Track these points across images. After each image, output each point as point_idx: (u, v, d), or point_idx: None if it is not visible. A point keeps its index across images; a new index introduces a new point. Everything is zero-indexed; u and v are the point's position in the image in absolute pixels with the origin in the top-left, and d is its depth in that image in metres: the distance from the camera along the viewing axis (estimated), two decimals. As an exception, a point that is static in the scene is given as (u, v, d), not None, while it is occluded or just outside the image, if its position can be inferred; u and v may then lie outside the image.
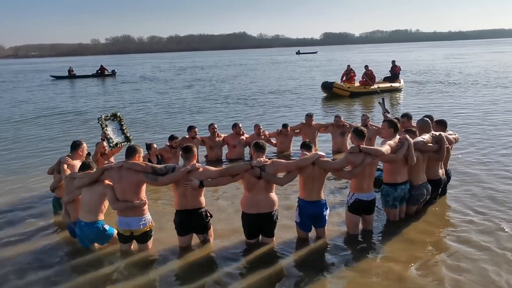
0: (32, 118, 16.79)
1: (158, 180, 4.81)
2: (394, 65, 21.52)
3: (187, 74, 41.67)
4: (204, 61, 73.71)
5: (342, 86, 19.63)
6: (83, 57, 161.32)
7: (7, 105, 21.35)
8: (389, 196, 5.51)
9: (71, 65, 48.18)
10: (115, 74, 42.12)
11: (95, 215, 4.98)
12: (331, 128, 9.28)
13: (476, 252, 4.78)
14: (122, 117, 7.75)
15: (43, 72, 53.57)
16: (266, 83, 28.84)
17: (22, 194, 7.34)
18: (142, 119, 15.61)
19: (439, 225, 5.59)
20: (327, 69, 41.15)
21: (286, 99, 19.70)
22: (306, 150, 5.14)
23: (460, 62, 42.67)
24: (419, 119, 6.19)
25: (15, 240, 5.59)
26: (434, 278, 4.31)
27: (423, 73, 31.10)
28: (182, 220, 4.97)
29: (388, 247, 5.04)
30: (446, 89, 21.19)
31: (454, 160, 7.76)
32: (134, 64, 69.16)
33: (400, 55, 63.94)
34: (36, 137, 12.82)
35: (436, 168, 5.93)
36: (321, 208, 5.08)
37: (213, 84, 29.95)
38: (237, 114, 15.99)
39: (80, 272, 4.71)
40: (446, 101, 17.06)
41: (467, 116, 13.22)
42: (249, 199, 4.92)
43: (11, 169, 9.14)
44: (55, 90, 29.86)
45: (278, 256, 4.89)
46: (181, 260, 4.89)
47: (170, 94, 24.46)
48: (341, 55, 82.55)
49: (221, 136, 9.01)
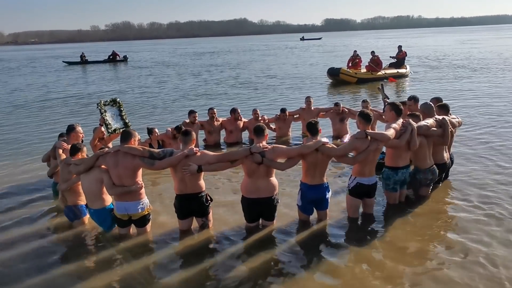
0: (48, 101, 17.05)
1: (155, 165, 4.73)
2: (400, 50, 21.12)
3: (201, 60, 41.66)
4: (214, 47, 73.48)
5: (349, 72, 19.28)
6: (93, 43, 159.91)
7: (28, 89, 21.75)
8: (390, 179, 5.45)
9: (83, 51, 48.72)
10: (126, 59, 42.35)
11: (101, 202, 4.98)
12: (331, 114, 9.23)
13: (478, 237, 4.70)
14: (121, 103, 7.70)
15: (51, 58, 53.77)
16: (279, 68, 28.52)
17: (25, 178, 7.36)
18: (151, 103, 15.66)
19: (441, 209, 5.53)
20: (335, 55, 40.77)
21: (294, 85, 19.40)
22: (311, 133, 4.98)
23: (473, 48, 41.80)
24: (422, 103, 6.10)
25: (13, 223, 5.56)
26: (434, 262, 4.27)
27: (437, 59, 30.39)
28: (182, 205, 4.92)
29: (388, 230, 4.99)
30: (463, 74, 20.87)
31: (459, 143, 7.63)
32: (144, 50, 69.02)
33: (412, 41, 63.07)
34: (53, 120, 12.96)
35: (441, 152, 5.87)
36: (324, 191, 5.03)
37: (225, 69, 29.75)
38: (250, 99, 15.79)
39: (78, 256, 4.67)
40: (458, 86, 16.79)
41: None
42: (249, 184, 4.85)
43: (22, 151, 9.25)
44: (70, 75, 29.98)
45: (278, 239, 4.85)
46: (181, 243, 4.85)
47: (184, 79, 24.48)
48: (346, 40, 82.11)
49: (219, 121, 8.96)
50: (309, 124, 5.07)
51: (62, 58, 51.59)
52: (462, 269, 4.10)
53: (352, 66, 20.16)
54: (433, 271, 4.11)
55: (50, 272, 4.37)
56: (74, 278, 4.25)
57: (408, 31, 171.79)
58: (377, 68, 19.57)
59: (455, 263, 4.21)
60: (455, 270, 4.10)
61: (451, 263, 4.22)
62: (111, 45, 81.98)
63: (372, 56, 20.07)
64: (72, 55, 55.00)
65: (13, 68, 38.92)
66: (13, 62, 48.57)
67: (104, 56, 46.21)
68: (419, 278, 3.99)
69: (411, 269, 4.14)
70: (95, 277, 4.26)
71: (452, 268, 4.13)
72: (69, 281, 4.21)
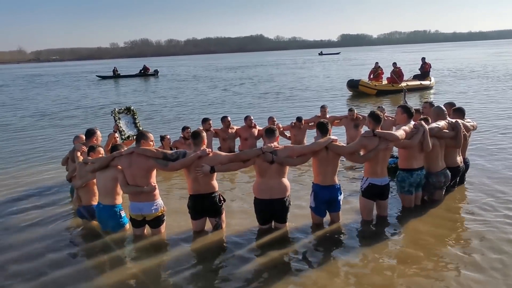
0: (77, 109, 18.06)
1: (168, 166, 4.81)
2: (424, 62, 20.93)
3: (229, 73, 42.76)
4: (236, 61, 75.38)
5: (368, 84, 19.17)
6: (119, 60, 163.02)
7: (67, 101, 22.62)
8: (405, 182, 5.41)
9: (115, 65, 50.97)
10: (157, 73, 43.65)
11: (112, 199, 5.07)
12: (345, 121, 9.22)
13: (495, 243, 4.60)
14: (135, 111, 7.89)
15: (85, 74, 55.73)
16: (299, 82, 28.83)
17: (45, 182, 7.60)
18: (179, 115, 16.00)
19: (457, 214, 5.46)
20: (355, 68, 40.92)
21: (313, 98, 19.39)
22: (321, 132, 5.03)
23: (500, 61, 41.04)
24: (435, 106, 6.07)
25: (29, 225, 5.69)
26: (450, 266, 4.19)
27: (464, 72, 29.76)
28: (196, 204, 4.98)
29: (403, 233, 4.95)
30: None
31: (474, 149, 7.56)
32: (172, 65, 70.72)
33: (440, 54, 62.75)
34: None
35: (454, 156, 5.81)
36: (336, 192, 5.03)
37: (253, 82, 30.33)
38: (274, 110, 15.61)
39: (93, 256, 4.76)
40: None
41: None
42: (261, 184, 4.89)
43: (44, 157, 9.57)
44: (103, 88, 31.67)
45: (291, 241, 4.84)
46: (194, 244, 4.89)
47: (214, 91, 25.12)
48: (365, 54, 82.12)
49: (234, 128, 9.03)
50: (319, 123, 5.10)
51: (90, 73, 53.71)
52: (479, 274, 4.02)
53: (374, 78, 19.98)
54: (449, 276, 4.02)
55: (64, 271, 4.44)
56: (88, 278, 4.31)
57: (426, 45, 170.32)
58: (399, 80, 19.17)
59: (471, 267, 4.13)
60: (471, 274, 4.02)
61: (467, 267, 4.14)
62: (138, 61, 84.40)
63: (394, 67, 19.82)
64: (101, 70, 57.05)
65: (54, 82, 41.05)
66: (52, 77, 50.60)
67: (135, 70, 47.94)
68: (433, 283, 3.91)
69: (425, 272, 4.08)
70: (109, 276, 4.31)
71: (468, 272, 4.05)
72: (84, 280, 4.26)
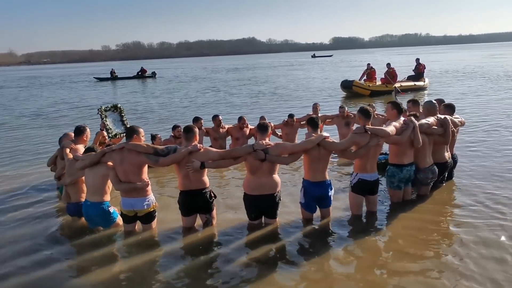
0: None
1: (159, 161, 4.80)
2: (419, 63, 21.07)
3: (225, 75, 43.19)
4: (232, 64, 75.35)
5: (362, 84, 19.29)
6: (115, 62, 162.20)
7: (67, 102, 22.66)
8: (395, 177, 5.47)
9: (109, 68, 50.43)
10: (155, 75, 43.67)
11: (100, 196, 5.02)
12: (336, 120, 9.28)
13: (483, 236, 4.67)
14: (122, 109, 7.88)
15: (81, 76, 55.59)
16: (293, 82, 29.25)
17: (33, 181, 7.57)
18: (174, 115, 16.03)
19: (445, 209, 5.51)
20: (349, 70, 41.27)
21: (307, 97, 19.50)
22: (312, 127, 5.07)
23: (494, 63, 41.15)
24: (426, 101, 6.13)
25: (18, 223, 5.68)
26: (437, 261, 4.23)
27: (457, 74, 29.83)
28: (186, 201, 4.97)
29: (392, 229, 4.99)
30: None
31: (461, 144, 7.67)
32: (168, 68, 70.70)
33: (429, 57, 62.55)
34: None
35: (442, 151, 5.87)
36: (326, 188, 5.04)
37: (251, 84, 30.50)
38: (269, 110, 15.70)
39: (83, 252, 4.74)
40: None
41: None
42: (252, 181, 4.90)
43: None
44: (101, 89, 31.55)
45: (281, 236, 4.87)
46: (185, 240, 4.90)
47: (214, 91, 25.38)
48: (357, 56, 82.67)
49: (225, 128, 9.04)
50: (310, 119, 5.14)
51: (87, 75, 53.73)
52: (467, 267, 4.06)
53: (367, 79, 20.06)
54: (437, 270, 4.05)
55: (54, 268, 4.42)
56: (79, 274, 4.31)
57: (417, 48, 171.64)
58: (393, 80, 19.26)
59: (459, 262, 4.17)
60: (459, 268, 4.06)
61: (455, 262, 4.18)
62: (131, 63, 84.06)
63: (388, 68, 19.89)
64: (97, 72, 56.88)
65: (54, 84, 40.97)
66: (50, 79, 50.54)
67: (130, 73, 47.91)
68: (422, 278, 3.93)
69: (413, 265, 4.13)
70: (99, 272, 4.30)
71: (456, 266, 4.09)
72: (74, 277, 4.26)
